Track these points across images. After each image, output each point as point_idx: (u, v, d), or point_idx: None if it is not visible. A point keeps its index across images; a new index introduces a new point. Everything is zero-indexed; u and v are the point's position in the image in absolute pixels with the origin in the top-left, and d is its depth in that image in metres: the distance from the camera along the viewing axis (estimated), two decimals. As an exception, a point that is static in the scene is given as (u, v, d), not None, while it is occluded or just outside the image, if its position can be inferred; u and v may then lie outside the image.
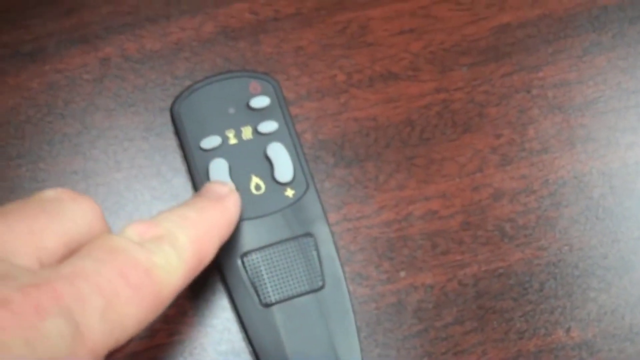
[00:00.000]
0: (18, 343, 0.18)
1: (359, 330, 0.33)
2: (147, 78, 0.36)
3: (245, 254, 0.32)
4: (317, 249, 0.32)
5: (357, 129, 0.35)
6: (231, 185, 0.30)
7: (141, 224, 0.24)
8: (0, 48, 0.36)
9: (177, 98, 0.34)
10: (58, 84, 0.35)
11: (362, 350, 0.32)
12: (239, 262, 0.32)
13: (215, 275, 0.33)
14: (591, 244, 0.34)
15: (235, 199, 0.29)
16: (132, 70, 0.36)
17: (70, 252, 0.24)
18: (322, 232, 0.32)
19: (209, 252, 0.26)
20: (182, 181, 0.34)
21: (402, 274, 0.34)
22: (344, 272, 0.32)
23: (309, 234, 0.32)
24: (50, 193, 0.24)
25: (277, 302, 0.31)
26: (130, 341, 0.24)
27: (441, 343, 0.33)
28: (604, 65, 0.37)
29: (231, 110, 0.34)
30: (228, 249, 0.32)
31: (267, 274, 0.32)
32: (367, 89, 0.36)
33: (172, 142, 0.35)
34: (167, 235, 0.24)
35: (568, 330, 0.33)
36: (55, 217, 0.23)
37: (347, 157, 0.35)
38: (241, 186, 0.33)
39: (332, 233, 0.33)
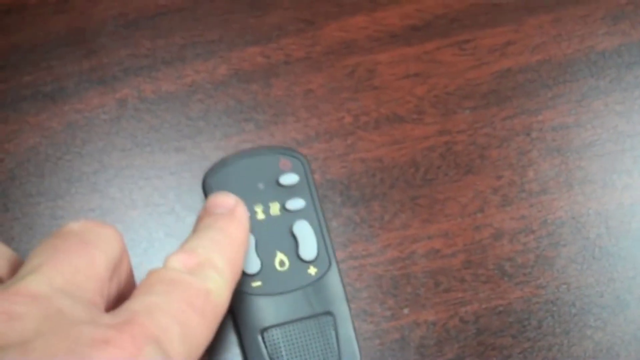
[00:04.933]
0: None
1: None
2: (163, 119, 0.37)
3: (266, 329, 0.33)
4: (335, 329, 0.33)
5: (363, 169, 0.37)
6: (233, 195, 0.31)
7: (181, 254, 0.27)
8: (22, 88, 0.37)
9: (209, 170, 0.34)
10: (77, 124, 0.37)
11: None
12: (259, 337, 0.32)
13: (235, 349, 0.34)
14: (588, 283, 0.36)
15: (243, 208, 0.30)
16: (148, 111, 0.37)
17: (115, 278, 0.26)
18: (342, 312, 0.33)
19: (240, 266, 0.29)
20: (195, 219, 0.36)
21: (406, 310, 0.35)
22: (360, 353, 0.33)
23: (329, 313, 0.33)
24: (77, 225, 0.26)
25: None
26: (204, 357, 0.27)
27: (443, 378, 0.34)
28: (601, 110, 0.38)
29: (260, 186, 0.34)
30: (249, 323, 0.33)
31: (285, 350, 0.32)
32: (373, 131, 0.37)
33: (186, 181, 0.36)
34: (207, 262, 0.27)
35: (565, 367, 0.35)
36: (97, 247, 0.25)
37: (354, 196, 0.36)
38: (266, 261, 0.34)
39: (351, 313, 0.34)
